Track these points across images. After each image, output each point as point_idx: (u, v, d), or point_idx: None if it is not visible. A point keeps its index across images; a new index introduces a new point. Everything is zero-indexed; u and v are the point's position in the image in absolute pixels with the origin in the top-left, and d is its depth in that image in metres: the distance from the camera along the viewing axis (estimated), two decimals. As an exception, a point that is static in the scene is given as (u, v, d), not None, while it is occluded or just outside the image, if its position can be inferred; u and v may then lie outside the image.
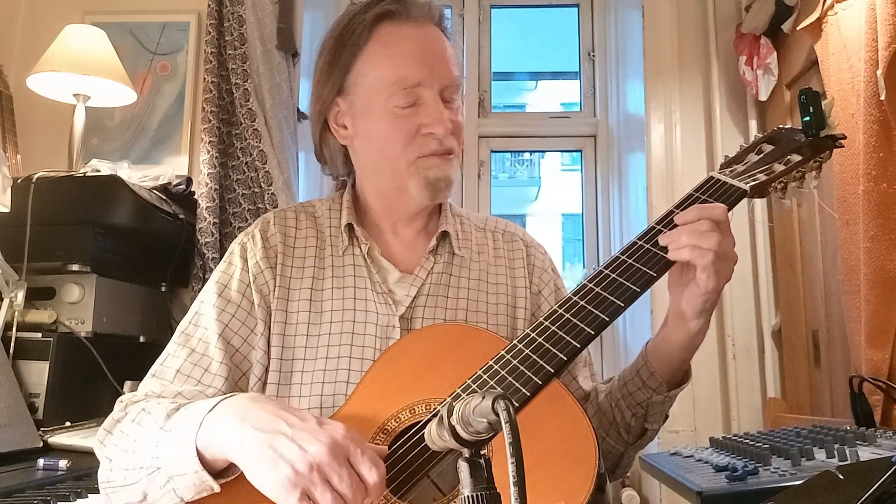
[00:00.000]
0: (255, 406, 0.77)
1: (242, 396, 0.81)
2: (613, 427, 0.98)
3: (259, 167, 2.08)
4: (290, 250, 1.03)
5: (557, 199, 5.83)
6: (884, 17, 1.38)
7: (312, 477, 0.69)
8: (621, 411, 0.96)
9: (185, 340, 0.97)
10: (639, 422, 0.96)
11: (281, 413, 0.76)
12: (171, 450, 0.78)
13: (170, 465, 0.78)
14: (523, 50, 3.75)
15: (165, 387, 0.93)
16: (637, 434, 0.97)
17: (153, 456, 0.80)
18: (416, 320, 1.00)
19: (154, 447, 0.80)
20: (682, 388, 0.95)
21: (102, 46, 1.98)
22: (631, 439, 0.98)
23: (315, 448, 0.70)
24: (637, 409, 0.95)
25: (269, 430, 0.73)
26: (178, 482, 0.78)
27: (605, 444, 0.99)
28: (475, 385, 0.82)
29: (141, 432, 0.83)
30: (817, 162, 0.96)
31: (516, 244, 1.12)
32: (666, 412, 0.97)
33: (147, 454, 0.81)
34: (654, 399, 0.93)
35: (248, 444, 0.73)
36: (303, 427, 0.73)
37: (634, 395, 0.94)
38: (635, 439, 0.98)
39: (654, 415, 0.95)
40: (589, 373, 1.09)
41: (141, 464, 0.81)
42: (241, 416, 0.76)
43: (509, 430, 0.49)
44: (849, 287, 1.51)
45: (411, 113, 0.97)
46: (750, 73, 2.09)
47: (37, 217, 1.64)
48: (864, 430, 1.17)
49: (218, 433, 0.76)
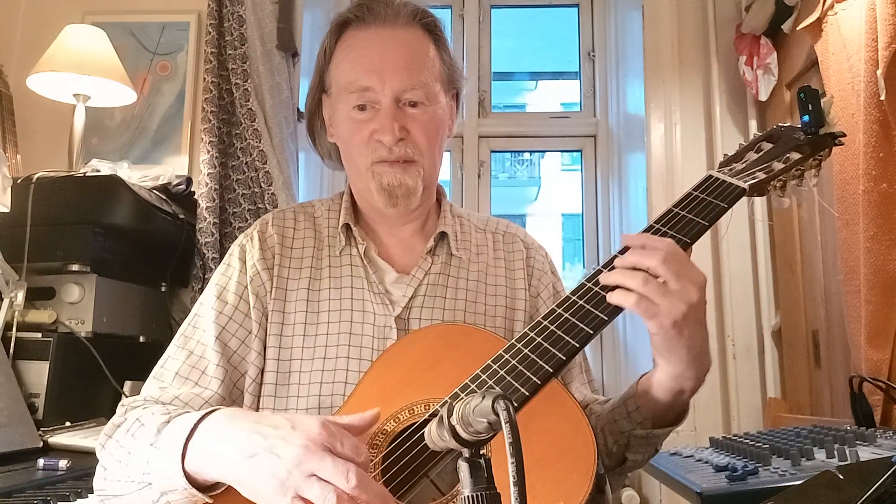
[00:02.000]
0: (232, 425, 0.78)
1: (219, 416, 0.80)
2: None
3: (259, 167, 2.08)
4: (287, 251, 1.04)
5: (557, 199, 5.82)
6: (884, 17, 1.38)
7: (296, 478, 0.69)
8: (605, 436, 0.93)
9: (183, 342, 0.98)
10: (620, 450, 0.92)
11: (257, 427, 0.75)
12: (161, 467, 0.79)
13: (161, 483, 0.79)
14: (523, 50, 3.74)
15: (164, 390, 0.93)
16: (617, 461, 0.93)
17: (144, 472, 0.81)
18: (413, 321, 1.00)
19: (146, 463, 0.81)
20: (672, 428, 0.90)
21: (102, 46, 1.98)
22: (612, 465, 0.94)
23: (290, 452, 0.71)
24: (619, 438, 0.92)
25: (247, 449, 0.73)
26: (171, 496, 0.79)
27: None
28: (474, 385, 0.81)
29: (134, 445, 0.84)
30: (816, 160, 0.95)
31: (516, 245, 1.12)
32: (655, 447, 0.92)
33: (139, 469, 0.82)
34: (637, 433, 0.90)
35: (232, 468, 0.74)
36: (276, 435, 0.73)
37: (619, 423, 0.91)
38: (616, 465, 0.94)
39: (637, 447, 0.91)
40: (586, 378, 1.08)
41: (133, 477, 0.82)
42: (221, 439, 0.77)
43: (509, 430, 0.49)
44: (849, 287, 1.51)
45: (367, 118, 0.99)
46: (750, 73, 2.08)
47: (37, 217, 1.64)
48: (864, 430, 1.17)
49: (203, 458, 0.77)
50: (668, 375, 0.85)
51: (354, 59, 1.00)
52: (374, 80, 0.97)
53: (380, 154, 0.98)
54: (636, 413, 0.90)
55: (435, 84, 1.01)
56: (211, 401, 0.92)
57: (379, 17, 1.00)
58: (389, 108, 0.97)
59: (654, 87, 2.27)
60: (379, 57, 0.98)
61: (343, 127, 1.03)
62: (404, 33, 1.01)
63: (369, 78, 0.97)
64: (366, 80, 0.97)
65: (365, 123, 0.99)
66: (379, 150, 0.98)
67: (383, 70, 0.97)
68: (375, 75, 0.97)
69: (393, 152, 0.98)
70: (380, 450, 0.82)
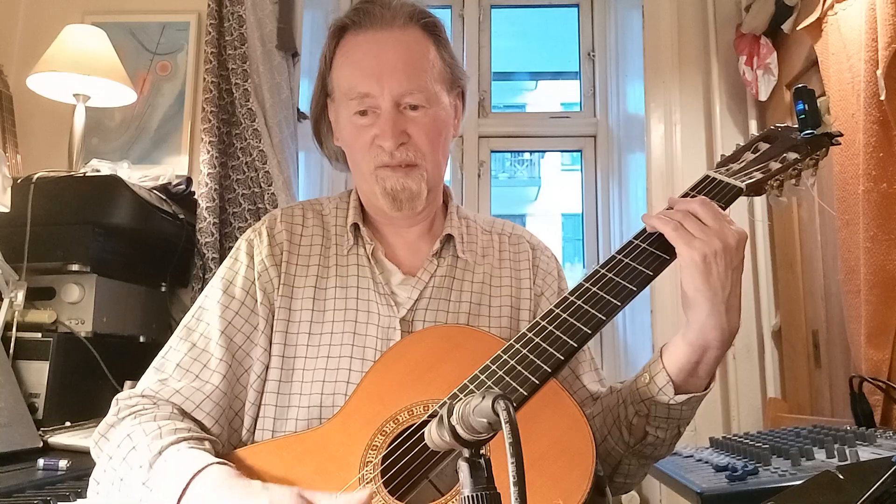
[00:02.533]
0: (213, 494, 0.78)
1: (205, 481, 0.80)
2: (616, 425, 0.92)
3: (259, 167, 2.08)
4: (295, 248, 1.04)
5: (557, 199, 5.83)
6: (884, 17, 1.38)
7: None
8: (625, 407, 0.90)
9: (186, 334, 0.98)
10: (641, 422, 0.89)
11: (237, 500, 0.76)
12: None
13: None
14: (523, 50, 3.75)
15: (164, 382, 0.93)
16: (638, 437, 0.90)
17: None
18: (418, 323, 1.00)
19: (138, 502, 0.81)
20: (692, 396, 0.86)
21: (102, 46, 1.98)
22: (632, 441, 0.91)
23: None
24: (640, 407, 0.88)
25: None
26: None
27: (606, 444, 0.93)
28: (473, 385, 0.82)
29: (128, 475, 0.84)
30: (814, 160, 0.96)
31: (522, 247, 1.12)
32: (678, 424, 0.89)
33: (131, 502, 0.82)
34: (659, 398, 0.85)
35: None
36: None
37: (640, 391, 0.88)
38: (636, 442, 0.91)
39: (658, 418, 0.87)
40: (597, 377, 1.06)
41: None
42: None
43: (509, 430, 0.49)
44: (849, 287, 1.51)
45: (368, 122, 0.99)
46: (750, 73, 2.09)
47: (37, 217, 1.63)
48: (864, 430, 1.17)
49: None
50: (692, 325, 0.83)
51: (353, 65, 1.00)
52: (372, 85, 0.97)
53: (381, 159, 0.98)
54: (659, 376, 0.86)
55: (435, 85, 1.01)
56: (212, 395, 0.93)
57: (376, 20, 0.99)
58: (389, 112, 0.97)
59: (654, 87, 2.28)
60: (377, 61, 0.98)
61: (346, 132, 1.03)
62: (402, 35, 1.00)
63: (368, 83, 0.97)
64: (364, 86, 0.97)
65: (366, 128, 0.99)
66: (380, 155, 0.98)
67: (381, 75, 0.97)
68: (374, 80, 0.97)
69: (395, 157, 0.98)
70: (379, 450, 0.82)
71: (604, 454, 0.94)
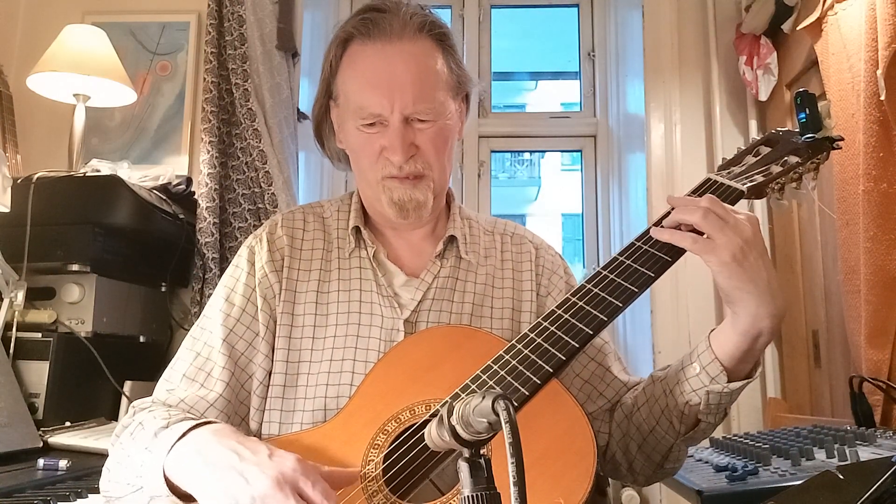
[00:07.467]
0: (213, 439, 0.79)
1: (206, 429, 0.82)
2: (665, 415, 0.92)
3: (259, 167, 2.07)
4: (296, 252, 1.04)
5: (557, 199, 5.84)
6: (884, 17, 1.38)
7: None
8: (675, 398, 0.90)
9: (191, 344, 0.99)
10: (692, 411, 0.88)
11: (235, 446, 0.77)
12: (150, 471, 0.81)
13: (150, 488, 0.81)
14: (523, 50, 3.75)
15: (172, 392, 0.95)
16: (690, 425, 0.90)
17: (138, 475, 0.83)
18: (421, 324, 1.00)
19: (139, 466, 0.83)
20: (745, 382, 0.86)
21: (102, 46, 1.98)
22: (683, 430, 0.91)
23: (260, 481, 0.72)
24: (692, 397, 0.88)
25: (219, 465, 0.75)
26: (157, 502, 0.80)
27: (655, 434, 0.93)
28: (474, 385, 0.82)
29: (132, 448, 0.86)
30: (814, 163, 0.96)
31: (525, 247, 1.12)
32: (726, 408, 0.89)
33: (133, 472, 0.83)
34: (713, 388, 0.86)
35: (202, 480, 0.76)
36: (252, 460, 0.74)
37: (691, 380, 0.88)
38: (687, 430, 0.91)
39: (711, 405, 0.87)
40: (621, 366, 1.07)
41: (128, 480, 0.84)
42: (198, 451, 0.78)
43: (509, 430, 0.49)
44: (849, 287, 1.51)
45: (376, 133, 0.98)
46: (750, 73, 2.09)
47: (37, 217, 1.63)
48: (864, 430, 1.18)
49: (180, 467, 0.78)
50: (744, 317, 0.83)
51: (361, 77, 0.98)
52: (383, 101, 0.96)
53: (389, 170, 0.98)
54: (712, 366, 0.86)
55: (443, 95, 1.00)
56: (216, 403, 0.93)
57: (385, 32, 0.97)
58: (398, 127, 0.96)
59: (654, 87, 2.28)
60: (386, 76, 0.96)
61: (352, 139, 1.02)
62: (412, 47, 0.98)
63: (378, 102, 0.96)
64: (375, 106, 0.96)
65: (375, 137, 0.98)
66: (388, 167, 0.98)
67: (391, 90, 0.96)
68: (384, 97, 0.96)
69: (403, 169, 0.98)
70: (381, 450, 0.82)
71: (653, 443, 0.94)
